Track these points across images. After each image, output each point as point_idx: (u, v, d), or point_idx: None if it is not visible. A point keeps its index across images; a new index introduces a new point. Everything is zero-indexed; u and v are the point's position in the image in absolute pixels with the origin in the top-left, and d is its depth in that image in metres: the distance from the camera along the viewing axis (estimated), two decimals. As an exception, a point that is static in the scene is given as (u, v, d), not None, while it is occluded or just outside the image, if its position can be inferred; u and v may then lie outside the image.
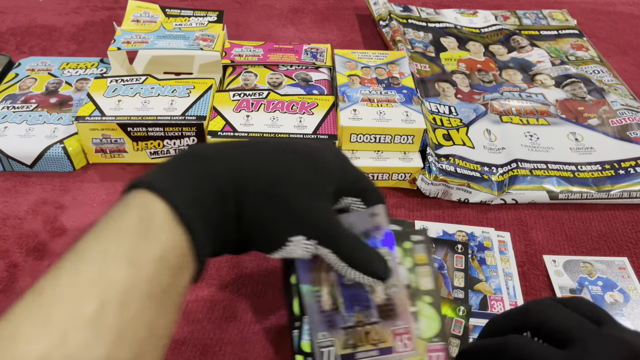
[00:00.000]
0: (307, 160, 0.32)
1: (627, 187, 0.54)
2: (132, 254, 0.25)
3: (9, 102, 0.59)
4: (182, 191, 0.28)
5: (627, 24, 0.88)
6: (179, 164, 0.30)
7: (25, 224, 0.51)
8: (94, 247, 0.25)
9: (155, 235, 0.26)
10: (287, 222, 0.31)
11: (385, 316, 0.36)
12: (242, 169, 0.30)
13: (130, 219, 0.26)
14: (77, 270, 0.24)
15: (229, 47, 0.66)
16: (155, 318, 0.26)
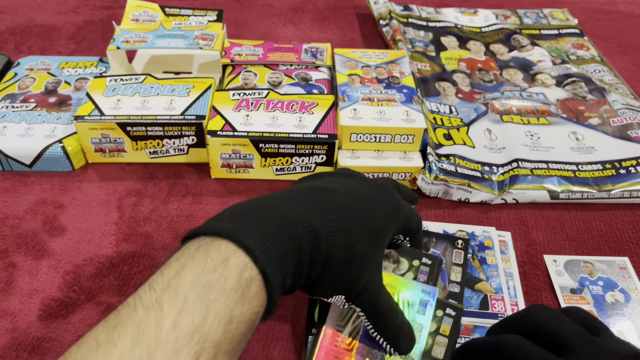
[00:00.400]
0: (373, 233, 0.35)
1: (628, 186, 0.54)
2: (230, 315, 0.27)
3: (8, 102, 0.59)
4: (274, 263, 0.30)
5: (628, 23, 0.88)
6: (271, 228, 0.31)
7: (25, 224, 0.51)
8: (195, 299, 0.26)
9: (249, 302, 0.28)
10: (337, 287, 0.34)
11: None
12: (320, 245, 0.32)
13: (230, 279, 0.28)
14: (177, 319, 0.26)
15: (228, 47, 0.66)
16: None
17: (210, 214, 0.52)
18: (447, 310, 0.39)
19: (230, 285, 0.28)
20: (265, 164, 0.55)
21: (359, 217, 0.35)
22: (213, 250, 0.29)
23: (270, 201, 0.34)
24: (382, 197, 0.38)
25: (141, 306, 0.26)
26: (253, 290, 0.29)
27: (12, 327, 0.42)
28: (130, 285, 0.46)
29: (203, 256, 0.29)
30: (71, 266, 0.47)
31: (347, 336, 0.38)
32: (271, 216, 0.32)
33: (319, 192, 0.35)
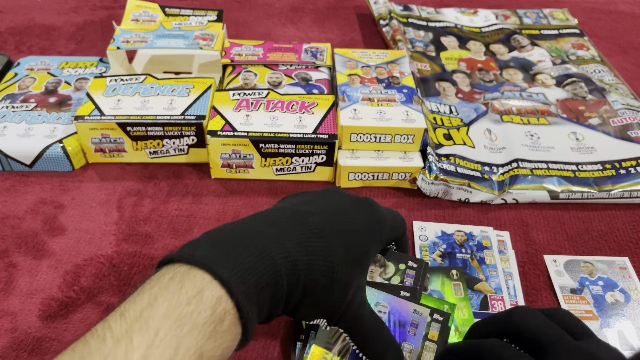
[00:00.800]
0: (352, 255, 0.34)
1: (628, 186, 0.54)
2: (201, 350, 0.26)
3: (8, 102, 0.59)
4: (250, 296, 0.29)
5: (628, 23, 0.88)
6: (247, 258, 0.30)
7: (25, 224, 0.51)
8: (167, 331, 0.26)
9: (222, 336, 0.28)
10: (317, 313, 0.34)
11: None
12: (298, 274, 0.31)
13: (204, 312, 0.27)
14: (146, 353, 0.25)
15: (228, 47, 0.66)
16: None
17: (210, 214, 0.52)
18: (435, 315, 0.39)
19: (203, 319, 0.27)
20: (265, 164, 0.55)
21: (338, 241, 0.34)
22: (188, 281, 0.28)
23: (248, 228, 0.33)
24: (362, 216, 0.37)
25: (110, 337, 0.25)
26: (226, 324, 0.28)
27: (12, 327, 0.42)
28: (130, 285, 0.46)
29: (177, 286, 0.28)
30: (71, 266, 0.47)
31: (336, 355, 0.38)
32: (248, 245, 0.30)
33: (298, 216, 0.34)
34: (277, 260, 0.30)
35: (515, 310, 0.32)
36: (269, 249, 0.31)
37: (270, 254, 0.30)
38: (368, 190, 0.56)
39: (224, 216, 0.52)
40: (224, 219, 0.52)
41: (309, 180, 0.57)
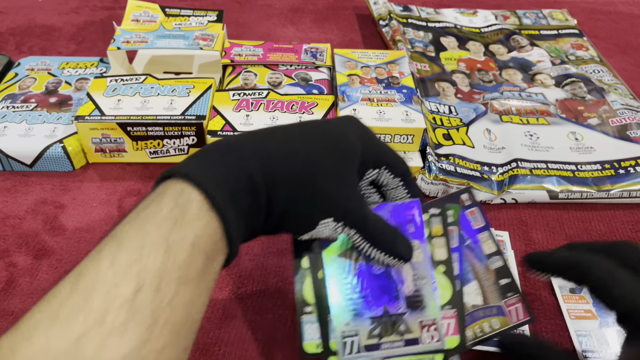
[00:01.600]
0: (331, 143, 0.33)
1: (627, 186, 0.54)
2: (168, 241, 0.26)
3: (9, 102, 0.59)
4: (216, 181, 0.29)
5: (627, 24, 0.88)
6: (211, 155, 0.30)
7: (25, 224, 0.51)
8: (131, 234, 0.26)
9: (189, 223, 0.27)
10: (316, 208, 0.32)
11: (412, 307, 0.36)
12: (271, 158, 0.31)
13: (165, 207, 0.27)
14: (115, 256, 0.25)
15: (228, 47, 0.66)
16: (189, 302, 0.27)
17: (210, 214, 0.52)
18: (431, 210, 0.38)
19: (165, 212, 0.27)
20: (265, 164, 0.55)
21: (317, 133, 0.33)
22: (154, 192, 0.29)
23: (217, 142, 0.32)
24: (342, 120, 0.36)
25: (85, 259, 0.26)
26: (192, 212, 0.27)
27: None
28: (130, 284, 0.46)
29: (143, 200, 0.28)
30: (72, 266, 0.47)
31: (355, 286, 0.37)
32: (213, 148, 0.31)
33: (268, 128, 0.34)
34: (243, 149, 0.30)
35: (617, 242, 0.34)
36: (233, 143, 0.31)
37: (235, 146, 0.30)
38: (368, 190, 0.56)
39: (224, 216, 0.52)
40: (224, 218, 0.52)
41: (309, 180, 0.57)
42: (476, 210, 0.40)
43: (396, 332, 0.36)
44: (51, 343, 0.23)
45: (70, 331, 0.23)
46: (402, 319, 0.36)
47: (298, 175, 0.31)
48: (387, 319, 0.36)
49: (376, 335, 0.36)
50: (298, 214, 0.32)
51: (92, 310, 0.24)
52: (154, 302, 0.25)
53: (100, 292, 0.24)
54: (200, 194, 0.28)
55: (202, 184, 0.28)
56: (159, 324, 0.25)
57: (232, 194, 0.29)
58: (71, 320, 0.23)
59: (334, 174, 0.32)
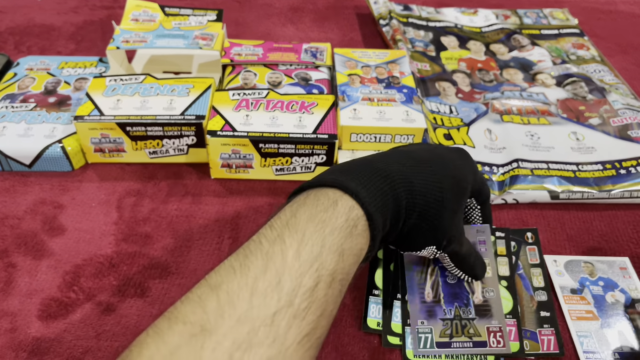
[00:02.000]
0: (454, 182, 0.38)
1: (628, 186, 0.54)
2: (342, 247, 0.31)
3: (8, 102, 0.59)
4: (377, 207, 0.33)
5: (628, 23, 0.88)
6: (372, 178, 0.35)
7: (24, 224, 0.51)
8: (312, 233, 0.30)
9: (357, 237, 0.32)
10: (429, 238, 0.38)
11: (481, 315, 0.42)
12: (414, 193, 0.35)
13: (340, 217, 0.32)
14: (299, 248, 0.29)
15: (228, 46, 0.66)
16: (340, 299, 0.32)
17: (210, 214, 0.52)
18: (497, 233, 0.47)
19: (340, 222, 0.31)
20: (265, 164, 0.55)
21: (445, 171, 0.37)
22: (322, 196, 0.33)
23: (369, 159, 0.37)
24: (459, 156, 0.41)
25: (265, 241, 0.30)
26: (360, 228, 0.32)
27: (11, 327, 0.42)
28: (130, 285, 0.46)
29: (314, 200, 0.33)
30: (71, 266, 0.47)
31: (430, 291, 0.43)
32: (372, 170, 0.35)
33: (406, 152, 0.39)
34: (396, 181, 0.35)
35: None
36: (389, 173, 0.35)
37: (391, 177, 0.35)
38: (368, 190, 0.56)
39: (223, 216, 0.52)
40: (223, 219, 0.52)
41: (309, 180, 0.56)
42: (536, 249, 0.49)
43: (465, 334, 0.41)
44: (253, 311, 0.26)
45: (268, 305, 0.27)
46: (472, 323, 0.41)
47: (429, 211, 0.36)
48: (458, 322, 0.41)
49: (447, 335, 0.41)
50: (415, 240, 0.38)
51: (284, 292, 0.28)
52: (325, 297, 0.29)
53: (289, 278, 0.28)
54: (364, 215, 0.33)
55: (369, 207, 0.33)
56: (324, 315, 0.29)
57: (384, 219, 0.34)
58: (267, 296, 0.27)
59: (452, 211, 0.37)
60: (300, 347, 0.27)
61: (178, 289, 0.46)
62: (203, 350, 0.25)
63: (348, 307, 0.44)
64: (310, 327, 0.28)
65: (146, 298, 0.45)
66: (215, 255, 0.49)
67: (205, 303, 0.27)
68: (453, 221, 0.38)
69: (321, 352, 0.41)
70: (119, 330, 0.42)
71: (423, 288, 0.43)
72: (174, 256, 0.48)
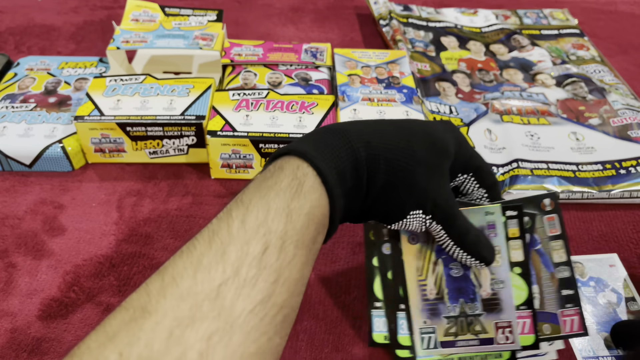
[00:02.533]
0: (428, 140, 0.35)
1: (628, 186, 0.54)
2: (288, 208, 0.30)
3: (8, 102, 0.59)
4: (327, 160, 0.32)
5: (628, 24, 0.88)
6: (323, 136, 0.34)
7: (24, 224, 0.51)
8: (256, 200, 0.30)
9: (305, 194, 0.31)
10: (409, 198, 0.34)
11: (489, 310, 0.38)
12: (374, 145, 0.33)
13: (285, 179, 0.31)
14: (244, 218, 0.29)
15: (228, 47, 0.66)
16: (303, 265, 0.30)
17: (210, 214, 0.52)
18: (507, 212, 0.39)
19: (285, 184, 0.30)
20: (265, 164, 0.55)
21: (414, 127, 0.35)
22: (271, 165, 0.32)
23: (325, 126, 0.36)
24: (438, 122, 0.38)
25: (215, 219, 0.30)
26: (308, 184, 0.31)
27: (11, 327, 0.42)
28: (130, 285, 0.46)
29: (263, 172, 0.32)
30: (71, 266, 0.47)
31: (433, 287, 0.39)
32: (324, 131, 0.34)
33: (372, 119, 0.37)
34: (351, 135, 0.33)
35: None
36: (344, 128, 0.34)
37: (346, 132, 0.33)
38: (368, 191, 0.56)
39: (223, 216, 0.52)
40: (223, 219, 0.52)
41: (309, 180, 0.56)
42: (555, 217, 0.40)
43: (471, 332, 0.38)
44: (197, 286, 0.26)
45: (212, 278, 0.26)
46: (478, 319, 0.38)
47: (396, 163, 0.34)
48: (463, 319, 0.38)
49: (452, 334, 0.38)
50: (391, 201, 0.34)
51: (229, 263, 0.27)
52: (278, 261, 0.28)
53: (235, 248, 0.27)
54: (314, 170, 0.31)
55: (316, 161, 0.31)
56: (280, 281, 0.28)
57: (340, 173, 0.32)
58: (212, 269, 0.26)
59: (429, 167, 0.34)
60: (253, 315, 0.26)
61: (178, 289, 0.46)
62: (142, 332, 0.25)
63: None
64: (264, 295, 0.27)
65: (146, 298, 0.45)
66: (215, 255, 0.49)
67: (149, 287, 0.27)
68: (433, 179, 0.34)
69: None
70: (119, 330, 0.42)
71: (425, 285, 0.39)
72: (174, 256, 0.48)
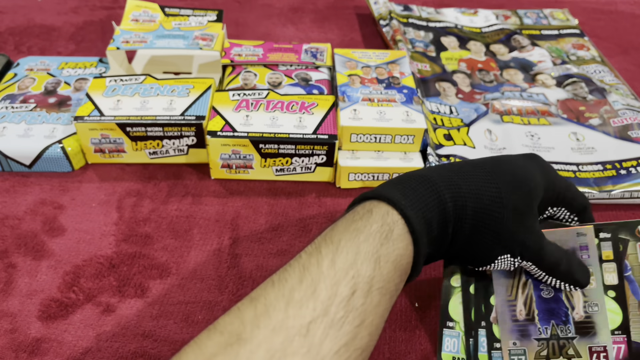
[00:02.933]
0: (515, 183, 0.35)
1: (629, 187, 0.54)
2: (377, 254, 0.30)
3: (8, 102, 0.59)
4: (415, 209, 0.32)
5: (629, 24, 0.88)
6: (411, 183, 0.34)
7: (24, 224, 0.51)
8: (346, 242, 0.30)
9: (394, 241, 0.31)
10: (497, 244, 0.35)
11: (582, 333, 0.36)
12: (462, 195, 0.34)
13: (375, 223, 0.31)
14: (334, 257, 0.29)
15: (228, 47, 0.66)
16: (385, 310, 0.31)
17: (210, 215, 0.52)
18: (601, 235, 0.38)
19: (375, 228, 0.31)
20: (265, 164, 0.55)
21: (500, 169, 0.35)
22: (359, 207, 0.33)
23: (412, 172, 0.36)
24: (523, 157, 0.37)
25: (305, 254, 0.30)
26: (397, 232, 0.31)
27: (11, 328, 0.42)
28: (129, 285, 0.46)
29: (352, 213, 0.33)
30: (71, 267, 0.47)
31: (522, 308, 0.38)
32: (411, 177, 0.35)
33: (457, 162, 0.37)
34: (438, 182, 0.33)
35: None
36: (430, 175, 0.34)
37: (432, 179, 0.34)
38: (368, 191, 0.56)
39: (223, 217, 0.52)
40: (223, 219, 0.52)
41: (309, 180, 0.56)
42: None
43: (564, 356, 0.36)
44: (288, 320, 0.27)
45: (303, 315, 0.27)
46: (571, 343, 0.36)
47: (484, 212, 0.34)
48: (555, 342, 0.37)
49: (543, 356, 0.36)
50: (478, 247, 0.35)
51: (319, 301, 0.28)
52: (363, 306, 0.29)
53: (325, 287, 0.28)
54: (402, 218, 0.32)
55: (406, 210, 0.32)
56: (364, 325, 0.29)
57: (427, 222, 0.33)
58: (303, 305, 0.27)
59: (517, 212, 0.34)
60: (337, 357, 0.27)
61: (178, 289, 0.45)
62: (238, 358, 0.25)
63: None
64: (348, 337, 0.27)
65: (146, 298, 0.45)
66: (215, 255, 0.49)
67: (243, 314, 0.27)
68: (521, 223, 0.34)
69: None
70: (118, 331, 0.42)
71: (514, 305, 0.38)
72: (174, 256, 0.48)
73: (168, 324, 0.43)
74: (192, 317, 0.43)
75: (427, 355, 0.41)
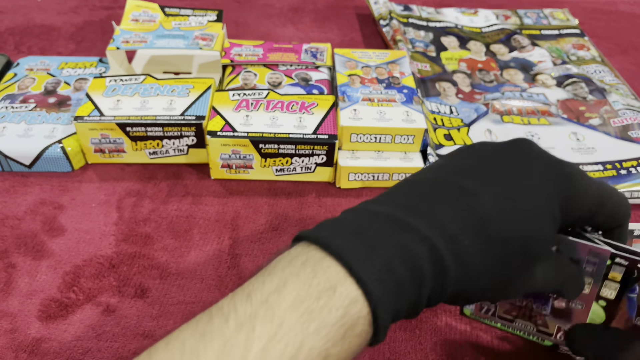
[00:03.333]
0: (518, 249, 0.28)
1: (629, 187, 0.54)
2: (326, 353, 0.24)
3: (8, 102, 0.59)
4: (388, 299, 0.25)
5: (629, 24, 0.88)
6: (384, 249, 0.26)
7: (24, 224, 0.51)
8: (293, 329, 0.24)
9: (350, 341, 0.25)
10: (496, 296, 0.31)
11: (557, 315, 0.37)
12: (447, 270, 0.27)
13: (334, 313, 0.24)
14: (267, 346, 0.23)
15: (228, 47, 0.66)
16: None
17: (210, 215, 0.52)
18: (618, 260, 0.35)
19: (333, 319, 0.24)
20: (265, 164, 0.55)
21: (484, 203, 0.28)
22: (321, 271, 0.25)
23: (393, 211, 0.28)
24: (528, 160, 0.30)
25: (233, 319, 0.24)
26: (358, 330, 0.25)
27: (11, 328, 0.42)
28: (129, 285, 0.46)
29: (310, 276, 0.25)
30: (71, 267, 0.47)
31: None
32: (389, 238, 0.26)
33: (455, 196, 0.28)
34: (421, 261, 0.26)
35: None
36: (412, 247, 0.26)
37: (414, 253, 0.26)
38: (368, 191, 0.56)
39: (223, 217, 0.52)
40: (223, 219, 0.52)
41: (309, 180, 0.56)
42: None
43: (532, 322, 0.37)
44: None
45: None
46: (542, 315, 0.37)
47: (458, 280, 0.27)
48: (527, 311, 0.37)
49: (512, 315, 0.38)
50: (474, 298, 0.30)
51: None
52: None
53: None
54: (370, 313, 0.25)
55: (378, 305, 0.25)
56: None
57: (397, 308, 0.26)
58: None
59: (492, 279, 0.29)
60: None
61: (178, 289, 0.45)
62: None
63: None
64: None
65: (146, 298, 0.45)
66: (215, 255, 0.49)
67: None
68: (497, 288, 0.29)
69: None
70: (119, 331, 0.42)
71: None
72: (174, 256, 0.48)
73: (168, 324, 0.43)
74: (192, 317, 0.43)
75: (427, 355, 0.41)
